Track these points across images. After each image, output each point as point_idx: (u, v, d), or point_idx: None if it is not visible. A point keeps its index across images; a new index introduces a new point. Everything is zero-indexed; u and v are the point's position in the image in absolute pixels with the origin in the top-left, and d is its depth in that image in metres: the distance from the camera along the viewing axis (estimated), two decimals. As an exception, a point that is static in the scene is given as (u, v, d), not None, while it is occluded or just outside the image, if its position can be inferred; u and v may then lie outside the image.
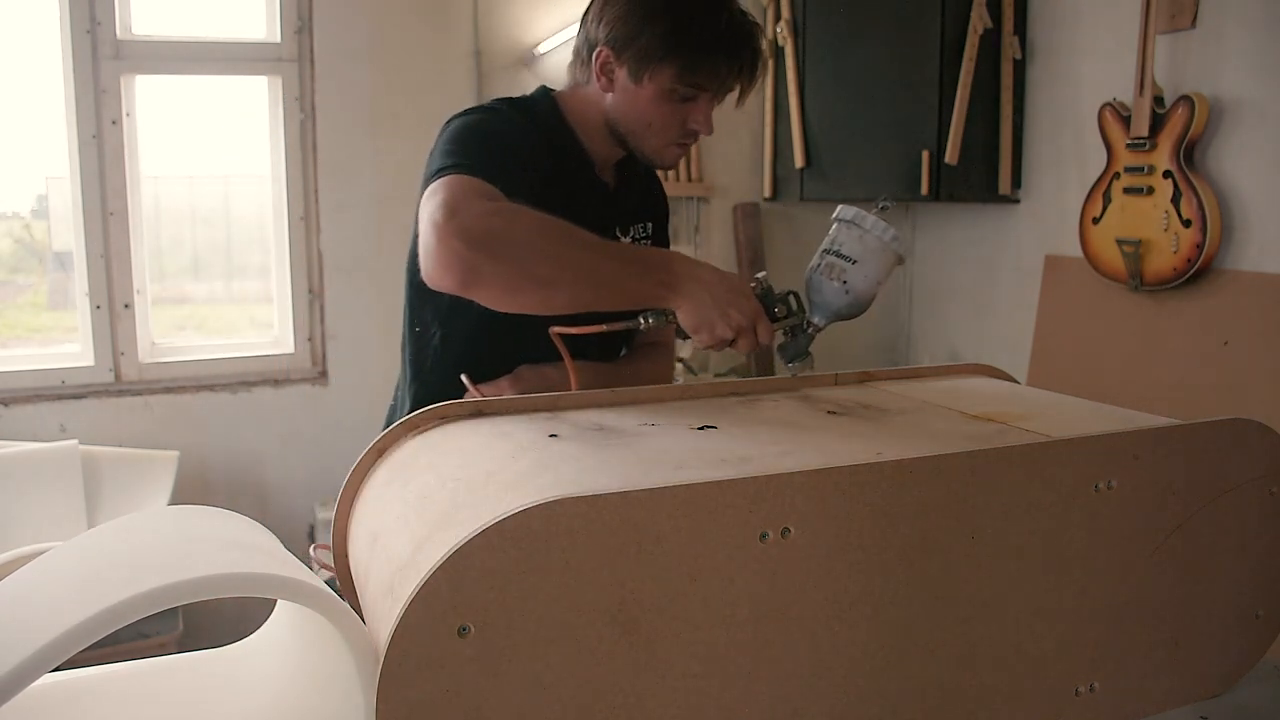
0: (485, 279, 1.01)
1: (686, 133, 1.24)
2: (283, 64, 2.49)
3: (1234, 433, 0.84)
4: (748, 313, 1.05)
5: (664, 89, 1.19)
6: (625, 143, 1.26)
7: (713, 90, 1.22)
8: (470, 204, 1.02)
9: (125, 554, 0.69)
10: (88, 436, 2.34)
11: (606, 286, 1.05)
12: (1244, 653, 0.90)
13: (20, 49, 2.40)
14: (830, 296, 1.10)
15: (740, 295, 1.06)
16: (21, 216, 2.57)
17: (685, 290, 1.04)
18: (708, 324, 1.04)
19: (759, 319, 1.06)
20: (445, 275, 1.01)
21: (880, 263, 1.09)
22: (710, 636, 0.66)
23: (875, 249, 1.09)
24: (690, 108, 1.22)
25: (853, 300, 1.10)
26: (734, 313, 1.04)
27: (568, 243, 1.03)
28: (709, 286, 1.04)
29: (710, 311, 1.04)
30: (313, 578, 0.67)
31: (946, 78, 2.59)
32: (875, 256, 1.09)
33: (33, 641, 0.54)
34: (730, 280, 1.07)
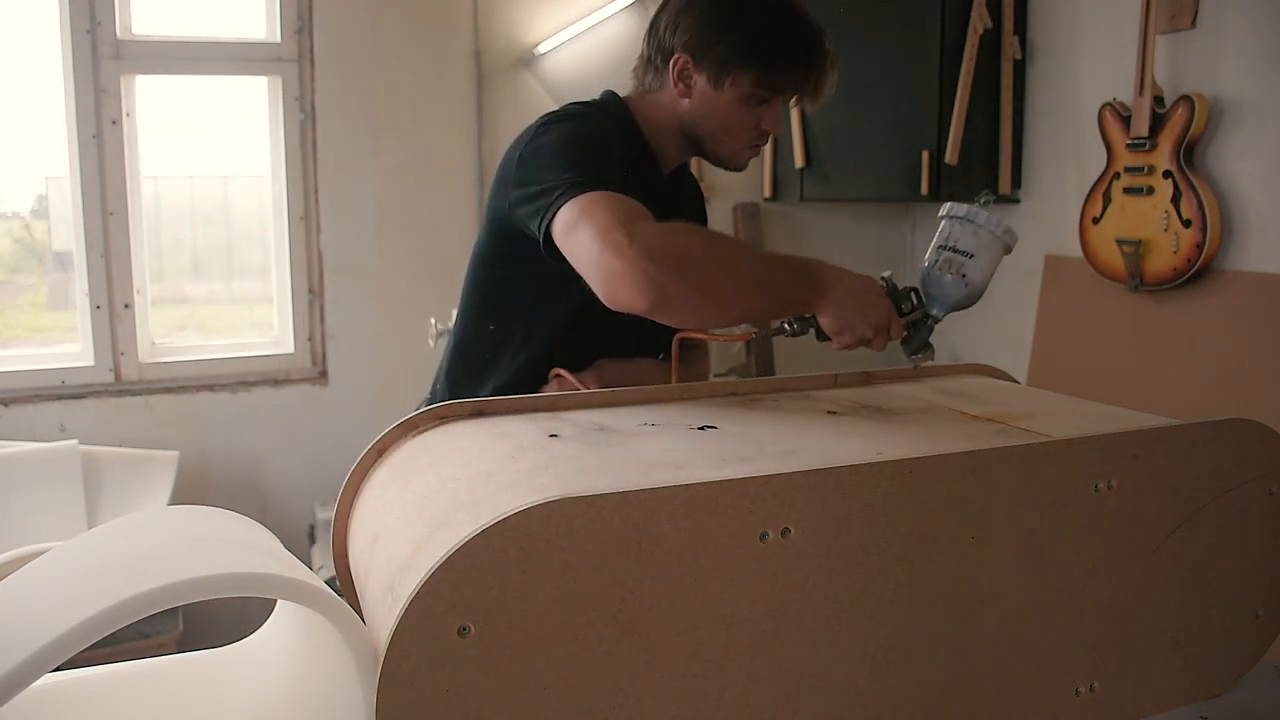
0: (675, 298, 1.03)
1: (760, 134, 1.29)
2: (283, 64, 2.49)
3: (1234, 433, 0.84)
4: (885, 313, 1.12)
5: (743, 93, 1.24)
6: (701, 146, 1.31)
7: (790, 93, 1.26)
8: (640, 224, 1.05)
9: (125, 554, 0.69)
10: (88, 436, 2.34)
11: (772, 295, 1.11)
12: (1244, 653, 0.90)
13: (20, 49, 2.40)
14: (950, 290, 1.16)
15: (877, 296, 1.12)
16: (21, 216, 2.57)
17: (831, 295, 1.10)
18: (849, 326, 1.10)
19: (892, 317, 1.13)
20: (638, 297, 1.02)
21: (993, 254, 1.17)
22: (710, 636, 0.66)
23: (989, 242, 1.16)
24: (765, 110, 1.27)
25: (971, 292, 1.17)
26: (874, 314, 1.11)
27: (739, 255, 1.12)
28: (851, 291, 1.10)
29: (853, 314, 1.10)
30: (313, 577, 0.67)
31: (946, 78, 2.59)
32: (989, 249, 1.16)
33: (33, 642, 0.54)
34: (867, 283, 1.13)
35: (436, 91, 2.59)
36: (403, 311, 2.58)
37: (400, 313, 2.59)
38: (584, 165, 1.13)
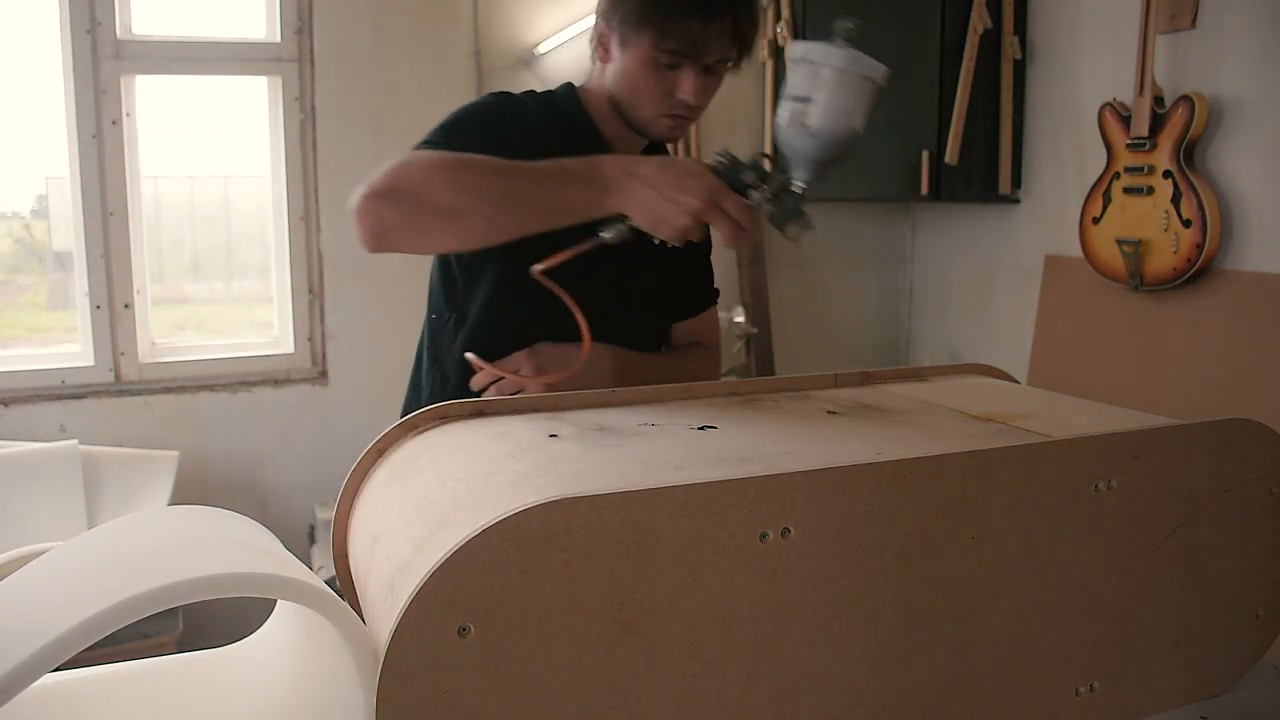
0: (391, 224, 1.02)
1: (675, 103, 1.20)
2: (283, 64, 2.49)
3: (1234, 433, 0.84)
4: (701, 192, 0.99)
5: (646, 56, 1.17)
6: (624, 116, 1.24)
7: (692, 57, 1.16)
8: (390, 166, 1.03)
9: (125, 554, 0.69)
10: (88, 436, 2.34)
11: (527, 207, 1.02)
12: (1244, 653, 0.90)
13: (20, 49, 2.40)
14: (800, 145, 1.02)
15: (688, 176, 1.00)
16: (21, 216, 2.57)
17: (622, 189, 1.00)
18: (661, 218, 1.00)
19: (721, 194, 1.00)
20: (364, 235, 1.03)
21: (843, 92, 1.01)
22: (710, 636, 0.66)
23: (831, 79, 1.01)
24: (677, 76, 1.18)
25: (823, 142, 1.01)
26: (685, 197, 0.99)
27: (472, 171, 1.02)
28: (649, 179, 1.00)
29: (658, 204, 0.99)
30: (313, 577, 0.67)
31: (946, 78, 2.59)
32: (835, 87, 1.01)
33: (33, 642, 0.54)
34: (676, 164, 1.01)
35: (436, 91, 2.59)
36: (403, 311, 2.58)
37: (400, 313, 2.59)
38: (432, 134, 1.15)
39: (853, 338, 3.21)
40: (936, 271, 3.12)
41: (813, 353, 3.13)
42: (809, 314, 3.13)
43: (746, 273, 2.97)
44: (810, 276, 3.12)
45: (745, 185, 1.03)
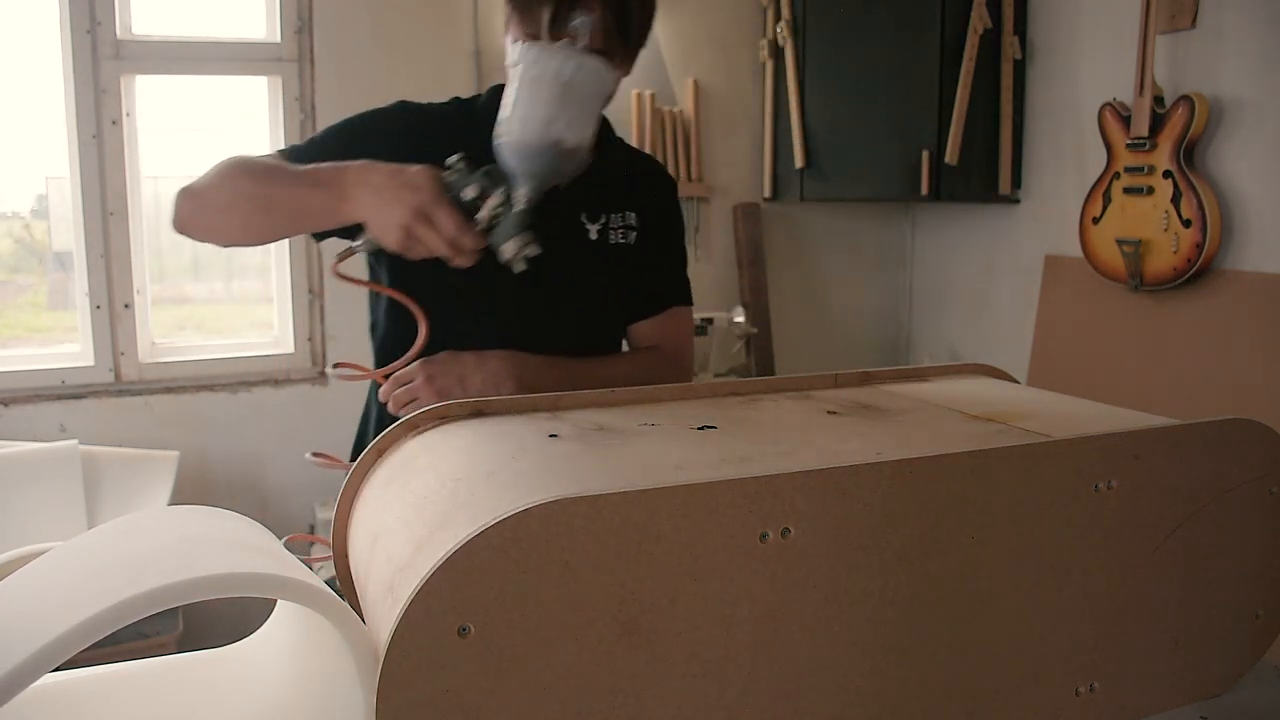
0: (183, 217, 1.13)
1: None
2: (283, 64, 2.49)
3: (1234, 433, 0.84)
4: (411, 203, 0.97)
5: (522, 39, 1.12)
6: None
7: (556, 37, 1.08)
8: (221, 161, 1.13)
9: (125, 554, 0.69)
10: (88, 436, 2.34)
11: (286, 212, 1.07)
12: (1244, 653, 0.90)
13: (20, 49, 2.40)
14: (504, 157, 0.99)
15: (406, 186, 0.98)
16: (21, 216, 2.57)
17: (355, 197, 1.00)
18: (381, 228, 0.99)
19: (433, 208, 0.97)
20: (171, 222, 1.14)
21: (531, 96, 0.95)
22: (710, 636, 0.66)
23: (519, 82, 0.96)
24: None
25: (520, 154, 0.97)
26: (397, 208, 0.97)
27: (245, 173, 1.09)
28: (376, 188, 0.99)
29: (380, 214, 0.98)
30: (313, 578, 0.67)
31: (946, 78, 2.59)
32: (521, 90, 0.96)
33: (33, 642, 0.54)
34: (405, 174, 0.99)
35: (436, 91, 2.58)
36: (403, 311, 2.58)
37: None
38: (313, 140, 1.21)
39: (853, 338, 3.21)
40: (936, 271, 3.12)
41: (813, 353, 3.13)
42: (809, 314, 3.13)
43: (746, 273, 2.97)
44: (810, 276, 3.12)
45: (471, 199, 0.99)
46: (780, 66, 2.89)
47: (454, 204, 0.98)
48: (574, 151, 0.97)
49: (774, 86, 2.93)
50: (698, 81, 2.89)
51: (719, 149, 2.95)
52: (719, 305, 2.96)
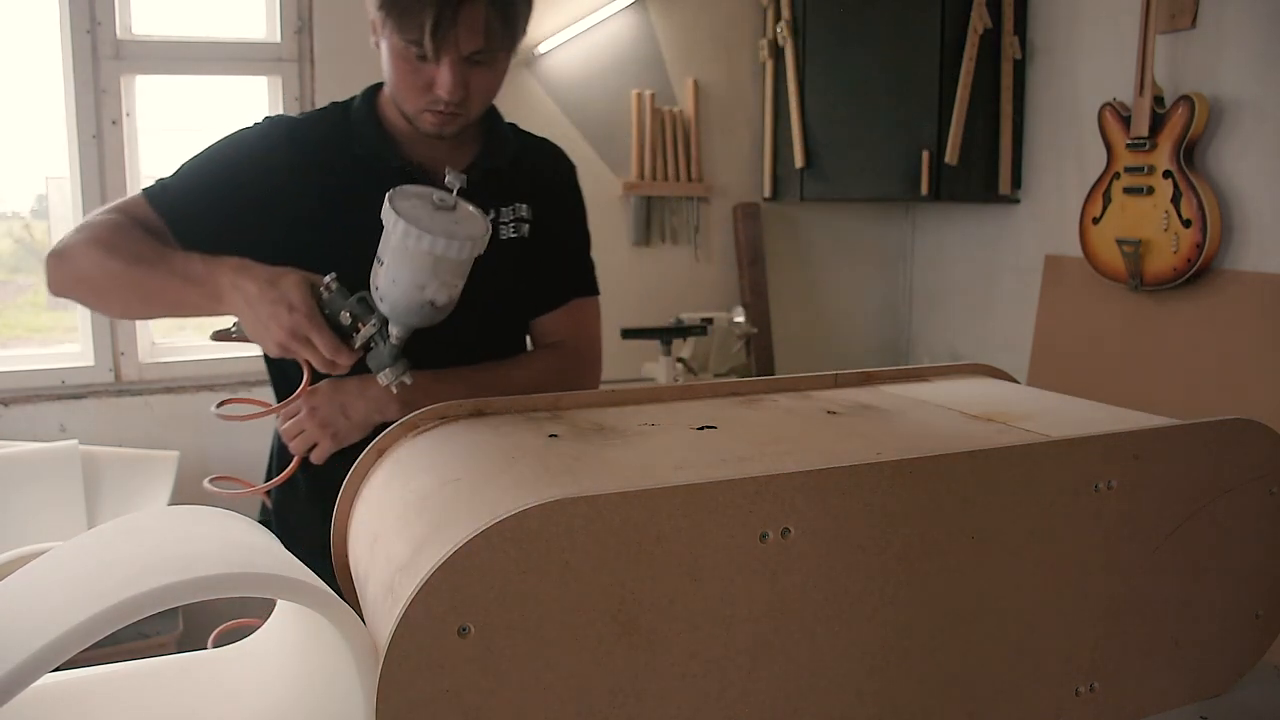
0: (57, 285, 1.11)
1: (434, 98, 1.11)
2: (283, 64, 2.49)
3: (1234, 433, 0.84)
4: (286, 323, 0.97)
5: (396, 45, 1.09)
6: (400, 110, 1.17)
7: (428, 48, 1.06)
8: (89, 220, 1.13)
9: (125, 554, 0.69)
10: (88, 436, 2.34)
11: (155, 299, 1.07)
12: (1244, 653, 0.90)
13: (20, 49, 2.40)
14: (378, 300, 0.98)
15: (280, 304, 0.97)
16: (21, 216, 2.57)
17: (230, 300, 1.01)
18: (258, 338, 1.01)
19: (309, 329, 0.96)
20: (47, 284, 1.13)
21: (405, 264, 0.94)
22: (710, 636, 0.66)
23: (394, 245, 0.93)
24: (432, 69, 1.09)
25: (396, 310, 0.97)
26: (272, 325, 0.97)
27: (109, 251, 1.07)
28: (249, 298, 0.98)
29: (254, 324, 0.99)
30: (312, 577, 0.67)
31: (946, 78, 2.59)
32: (396, 255, 0.94)
33: (33, 642, 0.54)
34: (278, 290, 0.97)
35: (436, 91, 2.58)
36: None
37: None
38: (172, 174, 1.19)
39: (853, 338, 3.21)
40: (936, 271, 3.12)
41: (813, 353, 3.13)
42: (809, 314, 3.13)
43: (746, 273, 2.97)
44: (810, 276, 3.12)
45: (345, 324, 0.98)
46: (780, 66, 2.89)
47: (327, 323, 0.98)
48: (447, 306, 0.99)
49: (774, 86, 2.93)
50: (698, 81, 2.89)
51: (719, 149, 2.95)
52: (719, 305, 2.96)
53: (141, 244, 1.08)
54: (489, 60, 1.11)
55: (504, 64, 1.14)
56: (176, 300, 1.05)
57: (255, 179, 1.16)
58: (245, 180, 1.16)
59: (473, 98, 1.13)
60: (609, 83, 2.81)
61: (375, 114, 1.22)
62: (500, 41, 1.09)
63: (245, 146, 1.20)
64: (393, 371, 1.00)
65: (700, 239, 2.95)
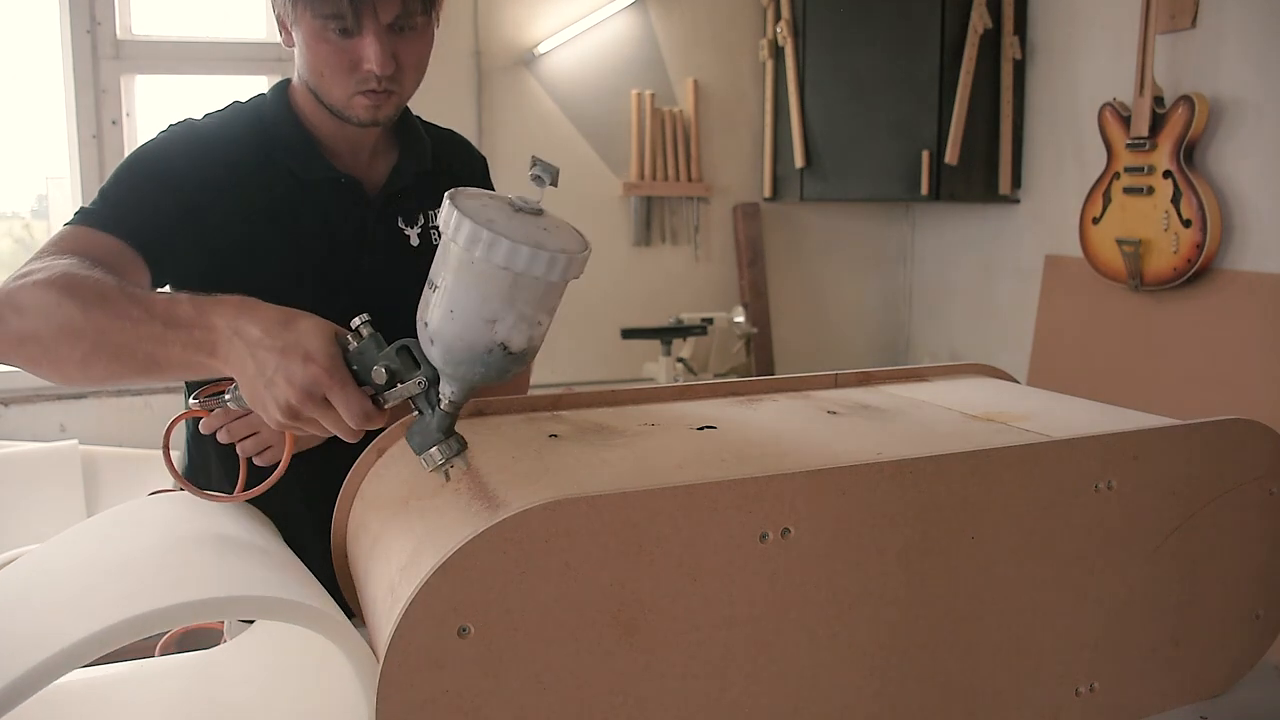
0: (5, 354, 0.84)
1: (364, 76, 1.02)
2: (283, 64, 2.49)
3: (1234, 433, 0.84)
4: (300, 382, 0.72)
5: (312, 26, 1.01)
6: (323, 102, 1.07)
7: (348, 18, 0.99)
8: (31, 264, 0.88)
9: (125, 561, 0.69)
10: (88, 436, 2.34)
11: (125, 357, 0.79)
12: (1244, 653, 0.90)
13: (20, 49, 2.40)
14: (426, 347, 0.72)
15: (293, 352, 0.73)
16: (21, 216, 2.57)
17: (226, 351, 0.75)
18: (256, 401, 0.75)
19: (331, 387, 0.72)
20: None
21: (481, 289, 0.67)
22: (710, 636, 0.66)
23: (455, 263, 0.68)
24: (356, 45, 1.01)
25: (444, 349, 0.69)
26: (280, 381, 0.72)
27: (75, 298, 0.81)
28: (253, 343, 0.74)
29: (254, 382, 0.74)
30: (311, 595, 0.66)
31: (946, 78, 2.59)
32: (457, 274, 0.68)
33: (24, 662, 0.54)
34: (292, 334, 0.74)
35: (436, 91, 2.58)
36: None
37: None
38: (99, 197, 1.02)
39: (853, 338, 3.21)
40: (936, 271, 3.12)
41: (813, 353, 3.13)
42: (809, 314, 3.13)
43: (746, 273, 2.97)
44: (810, 276, 3.12)
45: (379, 383, 0.73)
46: (780, 66, 2.89)
47: (357, 380, 0.73)
48: (524, 354, 0.70)
49: (774, 86, 2.93)
50: (698, 81, 2.89)
51: (719, 149, 2.95)
52: (719, 305, 2.96)
53: (103, 284, 0.82)
54: (411, 26, 1.02)
55: (429, 33, 1.05)
56: (151, 355, 0.78)
57: (181, 186, 1.02)
58: (173, 187, 1.02)
59: (404, 71, 1.04)
60: (609, 83, 2.81)
61: (293, 117, 1.11)
62: (420, 3, 1.01)
63: (161, 154, 1.05)
64: (443, 451, 0.72)
65: (700, 239, 2.95)
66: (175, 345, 0.77)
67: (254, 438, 0.94)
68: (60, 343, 0.81)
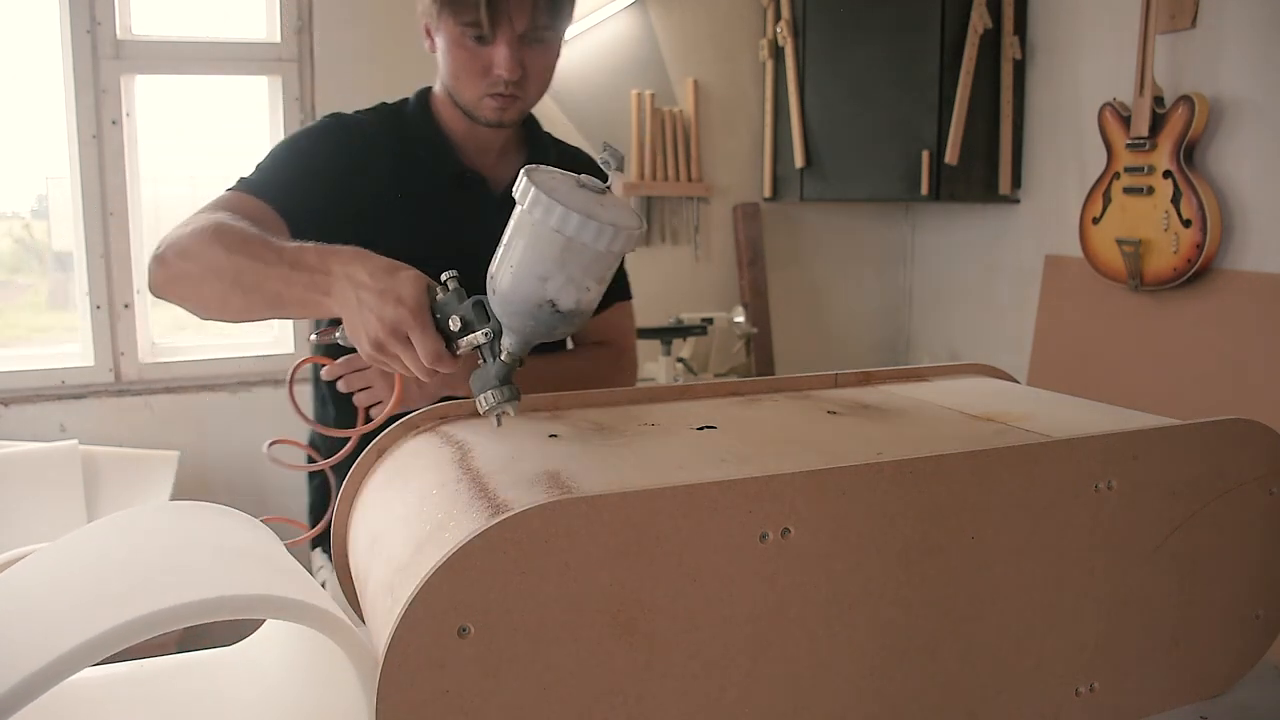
0: (156, 282, 1.05)
1: (493, 80, 1.14)
2: (283, 64, 2.49)
3: (1234, 433, 0.84)
4: (390, 319, 0.83)
5: (453, 34, 1.14)
6: (457, 104, 1.21)
7: (484, 27, 1.10)
8: (193, 218, 1.05)
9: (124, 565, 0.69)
10: (88, 436, 2.34)
11: (255, 292, 0.95)
12: (1244, 653, 0.90)
13: (20, 49, 2.40)
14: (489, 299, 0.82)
15: (388, 294, 0.84)
16: (21, 216, 2.57)
17: (338, 291, 0.88)
18: (355, 333, 0.87)
19: (413, 328, 0.83)
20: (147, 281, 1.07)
21: (536, 248, 0.76)
22: (710, 636, 0.66)
23: (516, 224, 0.78)
24: (489, 51, 1.14)
25: (510, 308, 0.79)
26: (370, 318, 0.84)
27: (215, 241, 0.98)
28: (357, 283, 0.86)
29: (355, 315, 0.86)
30: (313, 597, 0.66)
31: (946, 78, 2.59)
32: (517, 234, 0.78)
33: (22, 668, 0.54)
34: (393, 279, 0.85)
35: (436, 91, 2.59)
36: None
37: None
38: (254, 170, 1.17)
39: (853, 338, 3.21)
40: (936, 271, 3.12)
41: (813, 353, 3.13)
42: (809, 314, 3.13)
43: (746, 273, 2.97)
44: (810, 276, 3.12)
45: (454, 330, 0.83)
46: (780, 66, 2.89)
47: (437, 327, 0.83)
48: (573, 314, 0.79)
49: (774, 86, 2.93)
50: (698, 81, 2.89)
51: (719, 149, 2.95)
52: (719, 305, 2.96)
53: (247, 233, 0.99)
54: (541, 40, 1.15)
55: (557, 46, 1.18)
56: (278, 293, 0.93)
57: (325, 171, 1.16)
58: (318, 169, 1.16)
59: (530, 79, 1.17)
60: (609, 83, 2.81)
61: (431, 116, 1.26)
62: (550, 19, 1.14)
63: (311, 140, 1.21)
64: (496, 396, 0.81)
65: (700, 239, 2.95)
66: (298, 286, 0.91)
67: (368, 390, 1.07)
68: (206, 280, 0.98)
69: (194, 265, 1.00)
